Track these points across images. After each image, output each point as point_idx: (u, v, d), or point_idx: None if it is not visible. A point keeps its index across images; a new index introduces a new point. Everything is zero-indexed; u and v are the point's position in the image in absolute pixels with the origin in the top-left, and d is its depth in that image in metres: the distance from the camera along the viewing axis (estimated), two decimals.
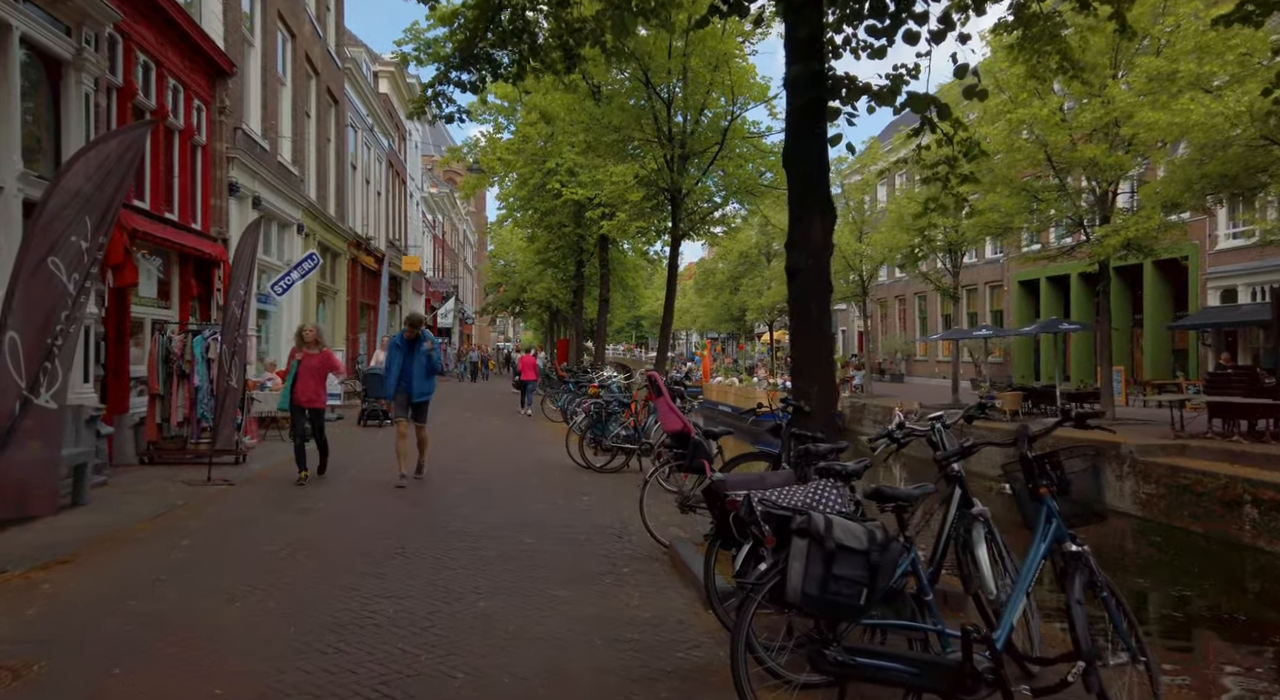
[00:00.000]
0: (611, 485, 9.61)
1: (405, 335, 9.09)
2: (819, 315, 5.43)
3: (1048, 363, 30.91)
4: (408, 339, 9.02)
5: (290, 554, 5.87)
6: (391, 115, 29.51)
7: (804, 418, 5.38)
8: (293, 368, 8.85)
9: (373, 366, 14.63)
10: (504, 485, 9.31)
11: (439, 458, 11.21)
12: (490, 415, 18.95)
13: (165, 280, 11.27)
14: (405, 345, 9.03)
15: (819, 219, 5.41)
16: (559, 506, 8.09)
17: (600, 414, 10.94)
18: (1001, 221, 21.17)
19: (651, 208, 13.65)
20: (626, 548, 6.39)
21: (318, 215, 18.55)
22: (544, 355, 37.70)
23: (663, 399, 6.56)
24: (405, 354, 8.98)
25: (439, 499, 8.28)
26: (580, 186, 18.22)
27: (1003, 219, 20.88)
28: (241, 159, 13.04)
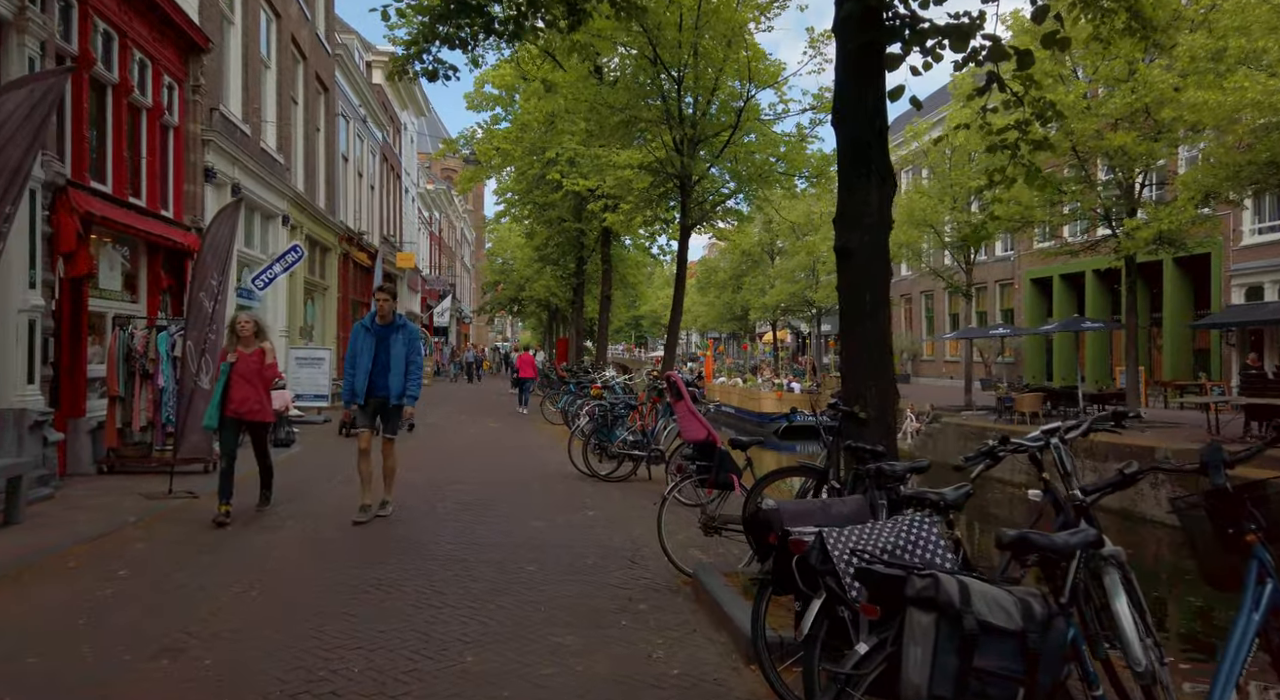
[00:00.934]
0: (619, 496, 8.71)
1: (376, 315, 6.89)
2: (874, 304, 4.54)
3: (1062, 363, 30.05)
4: (380, 322, 6.88)
5: (245, 588, 4.96)
6: (386, 107, 28.60)
7: (859, 427, 4.48)
8: (223, 371, 6.85)
9: None
10: (500, 496, 8.41)
11: (427, 466, 10.31)
12: (486, 417, 18.05)
13: (132, 272, 10.36)
14: (376, 330, 6.88)
15: (875, 187, 4.51)
16: (561, 523, 7.19)
17: (605, 417, 10.05)
18: (1022, 215, 20.30)
19: (659, 195, 12.76)
20: (642, 576, 5.48)
21: (305, 207, 17.64)
22: (543, 355, 36.77)
23: (684, 403, 5.66)
24: (375, 341, 6.86)
25: (426, 514, 7.38)
26: (581, 177, 17.30)
27: (1023, 212, 20.01)
28: (219, 142, 12.13)
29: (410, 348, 6.92)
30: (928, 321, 40.25)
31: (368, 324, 6.97)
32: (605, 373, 17.22)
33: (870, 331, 4.52)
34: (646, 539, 6.54)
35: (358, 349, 6.86)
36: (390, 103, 29.96)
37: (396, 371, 6.83)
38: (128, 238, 9.90)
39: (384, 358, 6.84)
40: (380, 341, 6.87)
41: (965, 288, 25.53)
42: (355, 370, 6.83)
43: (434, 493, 8.49)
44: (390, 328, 6.93)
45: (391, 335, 6.89)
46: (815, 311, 40.00)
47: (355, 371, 6.83)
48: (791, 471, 5.26)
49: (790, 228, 39.14)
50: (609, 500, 8.46)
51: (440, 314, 39.25)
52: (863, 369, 4.52)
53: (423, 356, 7.21)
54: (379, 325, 6.92)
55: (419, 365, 7.01)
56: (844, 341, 4.65)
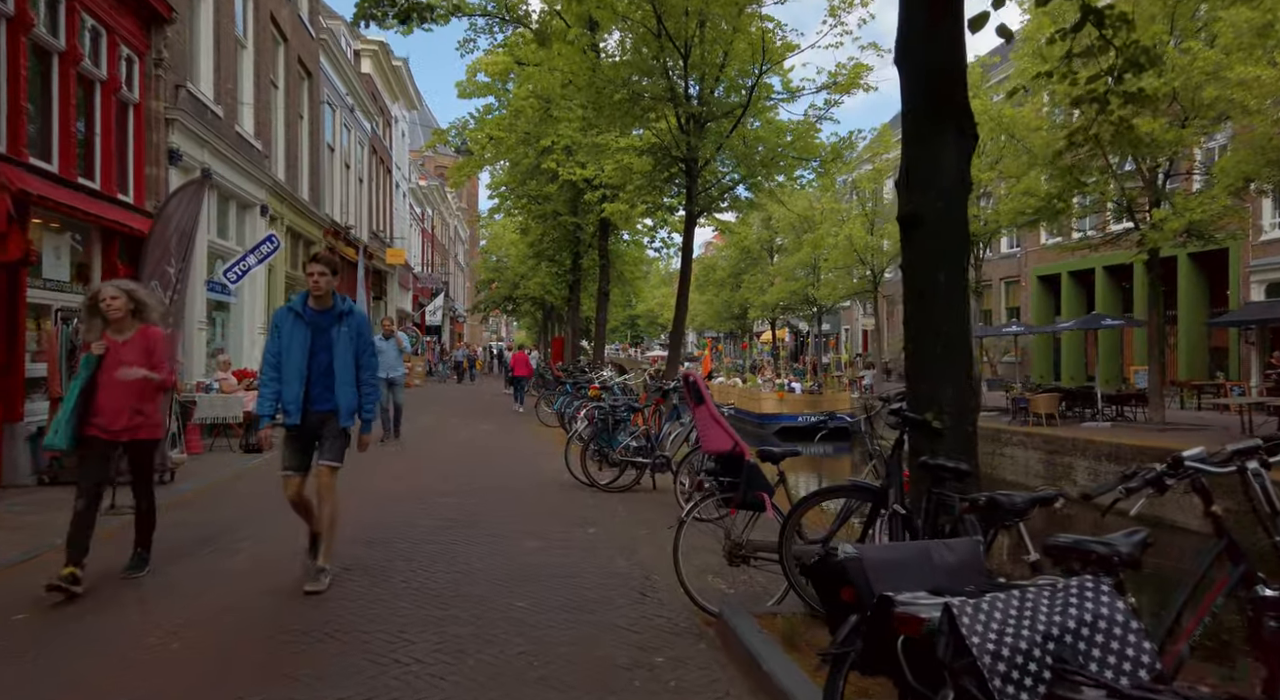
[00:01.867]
0: (622, 510, 7.81)
1: (309, 296, 4.91)
2: (950, 284, 3.64)
3: (1071, 362, 29.25)
4: (315, 306, 4.90)
5: (166, 641, 4.02)
6: (375, 98, 27.64)
7: (931, 438, 3.59)
8: (81, 368, 4.88)
9: None
10: (489, 510, 7.49)
11: (411, 473, 9.39)
12: (479, 420, 17.11)
13: (85, 261, 9.41)
14: (310, 317, 4.89)
15: (952, 141, 3.62)
16: (558, 543, 6.28)
17: (606, 421, 9.13)
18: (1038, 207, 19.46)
19: (664, 180, 11.86)
20: (655, 615, 4.58)
21: (286, 197, 16.69)
22: (538, 354, 35.81)
23: (705, 409, 4.75)
24: (310, 334, 4.86)
25: (403, 534, 6.46)
26: (579, 166, 16.39)
27: (1040, 204, 19.16)
28: (185, 122, 11.18)
29: (360, 344, 4.97)
30: None
31: (298, 308, 4.91)
32: (603, 373, 16.31)
33: (945, 318, 3.63)
34: (657, 564, 5.64)
35: (285, 344, 4.83)
36: (380, 93, 29.00)
37: (344, 379, 4.88)
38: (78, 223, 8.95)
39: (324, 357, 4.86)
40: (318, 334, 4.87)
41: (975, 286, 24.70)
42: (281, 374, 4.81)
43: (416, 506, 7.57)
44: (329, 315, 4.91)
45: (333, 326, 4.90)
46: (816, 310, 39.18)
47: (281, 376, 4.81)
48: (839, 491, 4.36)
49: (791, 225, 38.35)
50: (611, 514, 7.55)
51: (433, 312, 38.30)
52: (935, 366, 3.62)
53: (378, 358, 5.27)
54: (314, 311, 4.89)
55: (374, 369, 5.07)
56: (911, 331, 3.76)
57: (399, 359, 11.92)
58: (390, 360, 11.69)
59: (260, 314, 14.89)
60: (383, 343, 11.68)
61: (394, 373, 11.79)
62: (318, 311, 4.94)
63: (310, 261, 4.97)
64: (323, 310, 4.94)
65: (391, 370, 11.70)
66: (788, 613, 4.29)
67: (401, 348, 12.04)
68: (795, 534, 4.32)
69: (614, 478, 9.03)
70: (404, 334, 12.62)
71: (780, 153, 11.24)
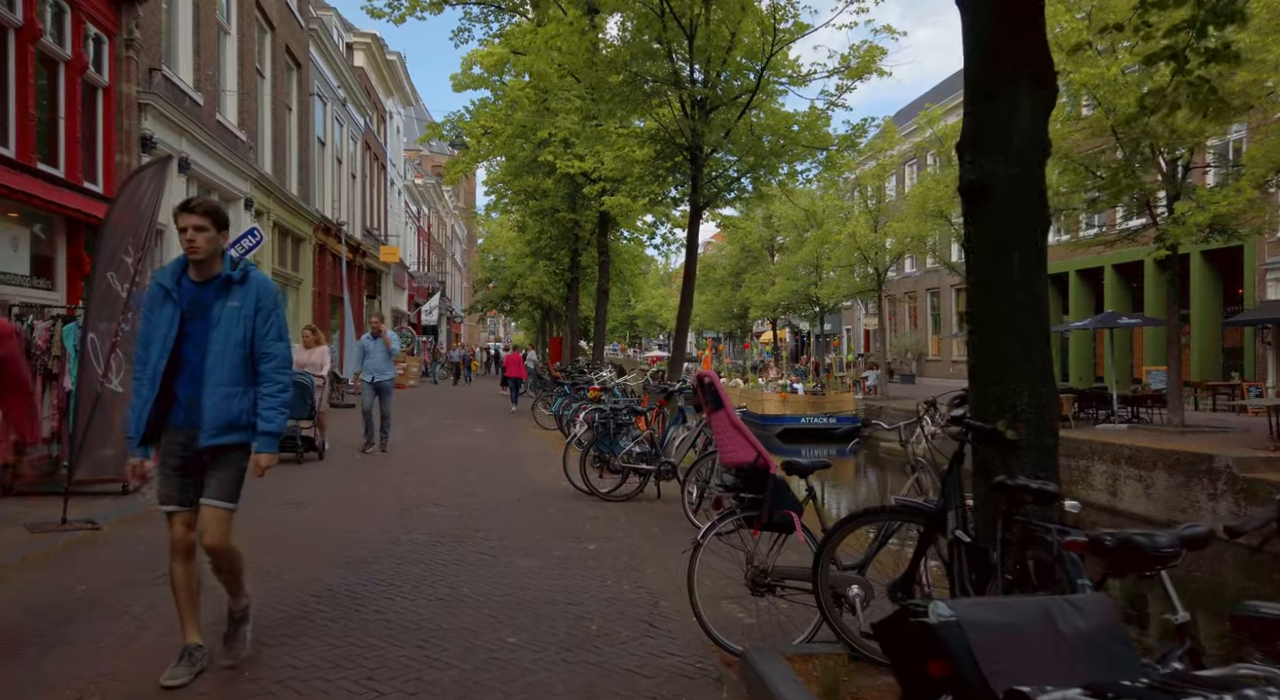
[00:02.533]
0: (625, 521, 7.20)
1: (185, 264, 3.50)
2: (1027, 268, 3.03)
3: (1078, 362, 28.72)
4: (195, 278, 3.49)
5: (84, 694, 3.40)
6: (369, 92, 27.02)
7: (1004, 452, 2.98)
8: None
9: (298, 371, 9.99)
10: (482, 523, 6.87)
11: (399, 482, 8.76)
12: (474, 422, 16.49)
13: (48, 253, 8.78)
14: (188, 290, 3.48)
15: (1027, 95, 3.01)
16: (556, 562, 5.66)
17: (607, 425, 8.52)
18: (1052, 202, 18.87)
19: (667, 169, 11.23)
20: (667, 652, 3.96)
21: (273, 191, 16.06)
22: (534, 354, 35.18)
23: (724, 414, 4.13)
24: (173, 316, 3.45)
25: (384, 552, 5.83)
26: (577, 159, 15.77)
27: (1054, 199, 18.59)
28: (160, 108, 10.55)
29: (263, 325, 3.49)
30: (934, 320, 39.03)
31: (167, 281, 3.46)
32: (603, 373, 15.69)
33: (1020, 309, 3.01)
34: (665, 588, 5.04)
35: (153, 326, 3.46)
36: (374, 88, 28.38)
37: (221, 377, 3.41)
38: (38, 212, 8.32)
39: (199, 344, 3.42)
40: (196, 316, 3.44)
41: None
42: (144, 371, 3.47)
43: (401, 519, 6.94)
44: (212, 286, 3.46)
45: (215, 301, 3.45)
46: (818, 309, 38.57)
47: (144, 373, 3.47)
48: (886, 513, 3.75)
49: (793, 223, 37.78)
50: (614, 527, 6.94)
51: (428, 312, 37.67)
52: (1009, 365, 3.00)
53: (289, 344, 3.64)
54: (193, 283, 3.47)
55: (282, 362, 3.53)
56: (976, 323, 3.14)
57: (388, 360, 11.14)
58: (378, 362, 11.00)
59: None
60: (370, 343, 11.05)
61: (382, 376, 11.02)
62: (198, 283, 3.47)
63: (180, 211, 3.44)
64: (205, 281, 3.47)
65: (380, 373, 10.99)
66: (823, 652, 3.69)
67: (390, 348, 11.19)
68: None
69: (615, 486, 8.43)
70: (395, 333, 11.84)
71: (790, 140, 10.57)
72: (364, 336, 11.34)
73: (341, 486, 8.50)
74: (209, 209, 3.50)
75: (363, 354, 11.05)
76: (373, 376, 10.93)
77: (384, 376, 11.04)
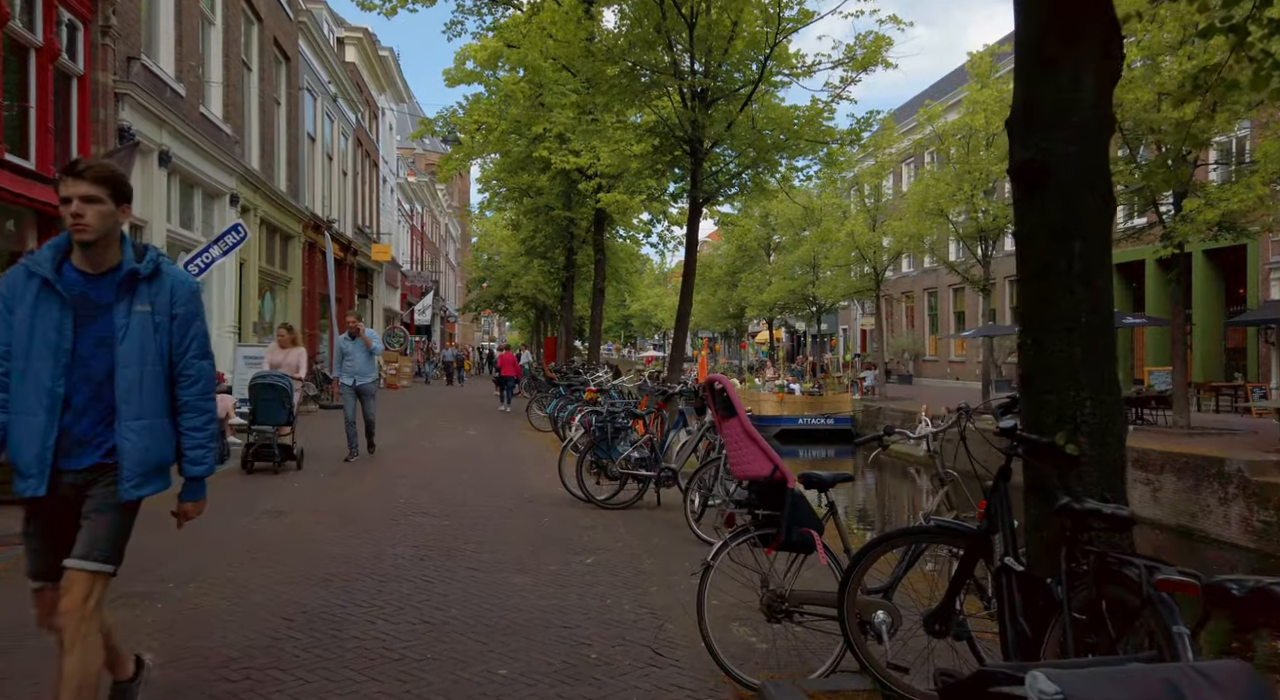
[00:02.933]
0: (624, 531, 6.83)
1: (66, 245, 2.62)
2: (1089, 261, 2.67)
3: None
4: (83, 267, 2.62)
5: None
6: (361, 88, 26.59)
7: (1061, 469, 2.61)
8: None
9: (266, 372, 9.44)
10: (473, 534, 6.49)
11: (386, 490, 8.36)
12: (466, 424, 16.10)
13: (17, 249, 8.37)
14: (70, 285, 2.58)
15: (1091, 64, 2.64)
16: (551, 579, 5.29)
17: (604, 429, 8.14)
18: None
19: (667, 163, 10.83)
20: (675, 684, 3.59)
21: (260, 187, 15.63)
22: (529, 354, 34.79)
23: (737, 423, 3.76)
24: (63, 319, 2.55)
25: (368, 567, 5.44)
26: (573, 154, 15.39)
27: None
28: (139, 99, 10.14)
29: (183, 337, 2.71)
30: (931, 320, 38.80)
31: (44, 269, 2.58)
32: (599, 374, 15.32)
33: (1081, 303, 2.65)
34: (670, 608, 4.67)
35: (27, 331, 2.56)
36: (365, 84, 27.96)
37: (136, 404, 2.61)
38: (8, 206, 7.91)
39: (97, 363, 2.60)
40: (85, 317, 2.60)
41: (984, 282, 23.83)
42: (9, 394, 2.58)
43: (388, 531, 6.55)
44: (109, 281, 2.63)
45: (117, 303, 2.62)
46: (815, 309, 38.26)
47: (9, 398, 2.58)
48: (923, 535, 3.38)
49: (790, 222, 37.46)
50: (613, 538, 6.56)
51: (421, 311, 37.20)
52: (1070, 370, 2.64)
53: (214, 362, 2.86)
54: (79, 273, 2.63)
55: (210, 385, 2.78)
56: (1030, 320, 2.78)
57: (369, 362, 10.26)
58: (358, 364, 10.16)
59: (230, 312, 13.86)
60: (348, 343, 10.22)
61: (363, 379, 10.16)
62: (88, 276, 2.61)
63: (64, 175, 2.57)
64: (98, 273, 2.62)
65: (361, 376, 10.15)
66: (850, 688, 3.32)
67: (372, 348, 10.26)
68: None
69: (613, 492, 8.06)
70: (374, 332, 10.66)
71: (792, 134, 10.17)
72: (341, 337, 10.43)
73: (325, 495, 8.10)
74: (102, 174, 2.56)
75: (341, 356, 10.26)
76: (354, 380, 10.11)
77: (365, 379, 10.20)
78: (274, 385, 9.07)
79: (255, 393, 9.06)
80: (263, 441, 8.97)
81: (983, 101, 22.19)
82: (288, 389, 9.07)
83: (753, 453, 3.65)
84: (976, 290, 25.27)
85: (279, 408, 8.97)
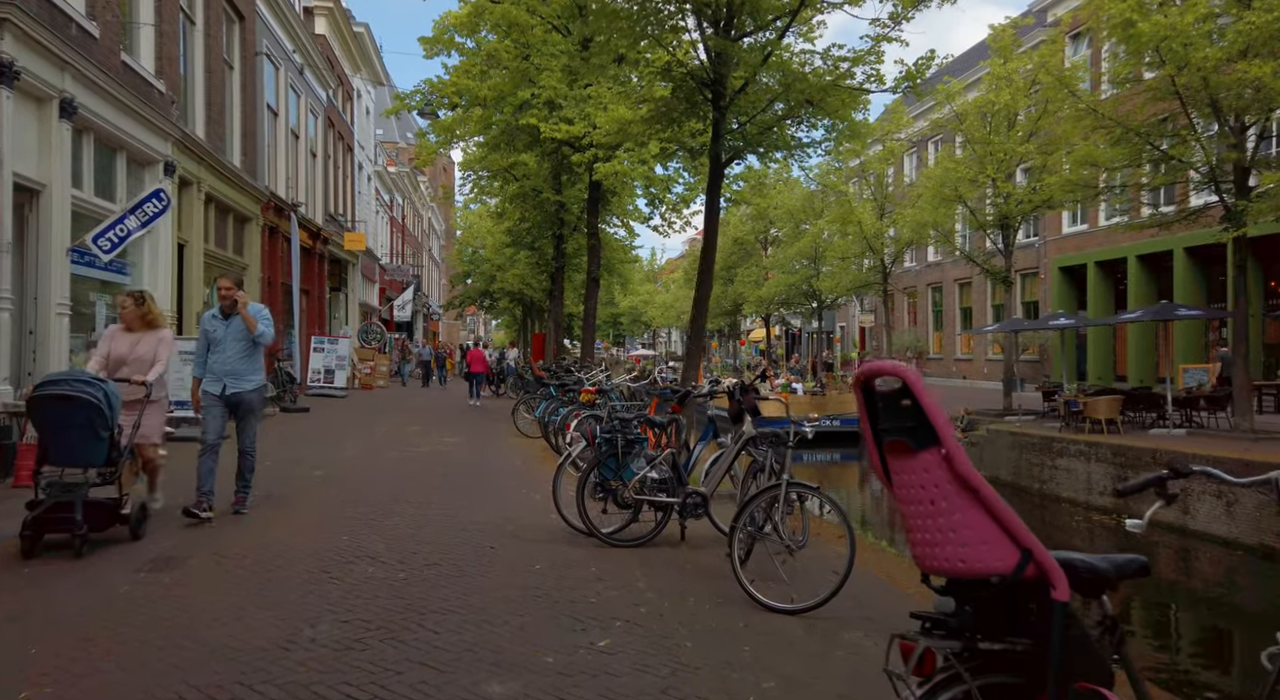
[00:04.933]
0: (643, 584, 4.95)
1: None
2: None
3: (1097, 361, 26.83)
4: None
5: None
6: (332, 64, 24.54)
7: None
8: None
9: (65, 375, 5.86)
10: (431, 597, 4.57)
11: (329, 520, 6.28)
12: (443, 431, 14.13)
13: None
14: None
15: None
16: (548, 682, 3.39)
17: (614, 441, 6.23)
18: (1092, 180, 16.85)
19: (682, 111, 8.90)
20: None
21: (205, 158, 13.61)
22: (516, 352, 32.80)
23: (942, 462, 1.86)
24: None
25: (261, 668, 3.51)
26: (565, 122, 13.49)
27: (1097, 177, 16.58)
28: (25, 28, 8.12)
29: None
30: (935, 317, 37.23)
31: None
32: (596, 373, 13.41)
33: None
34: None
35: None
36: (337, 60, 25.88)
37: None
38: None
39: None
40: None
41: (1005, 273, 22.09)
42: None
43: (313, 594, 4.60)
44: None
45: None
46: (817, 304, 36.49)
47: None
48: None
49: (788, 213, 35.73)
50: (631, 597, 4.67)
51: (401, 307, 35.13)
52: None
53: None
54: None
55: None
56: None
57: (251, 359, 6.40)
58: (231, 360, 6.30)
59: (166, 297, 11.84)
60: (217, 325, 6.36)
61: (240, 385, 6.33)
62: None
63: None
64: None
65: (235, 380, 6.31)
66: None
67: (256, 336, 6.34)
68: None
69: (624, 524, 6.19)
70: (264, 310, 6.71)
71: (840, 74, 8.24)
72: (208, 315, 6.49)
73: (242, 532, 6.15)
74: None
75: (206, 345, 6.36)
76: (223, 385, 6.27)
77: (243, 385, 6.33)
78: (76, 399, 5.14)
79: (42, 412, 5.19)
80: (58, 499, 5.19)
81: (1007, 77, 20.47)
82: (105, 404, 5.23)
83: (976, 524, 1.76)
84: (995, 282, 23.57)
85: (90, 439, 5.19)
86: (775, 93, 8.45)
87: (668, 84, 8.61)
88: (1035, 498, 15.63)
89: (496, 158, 17.59)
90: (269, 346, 6.70)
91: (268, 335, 6.44)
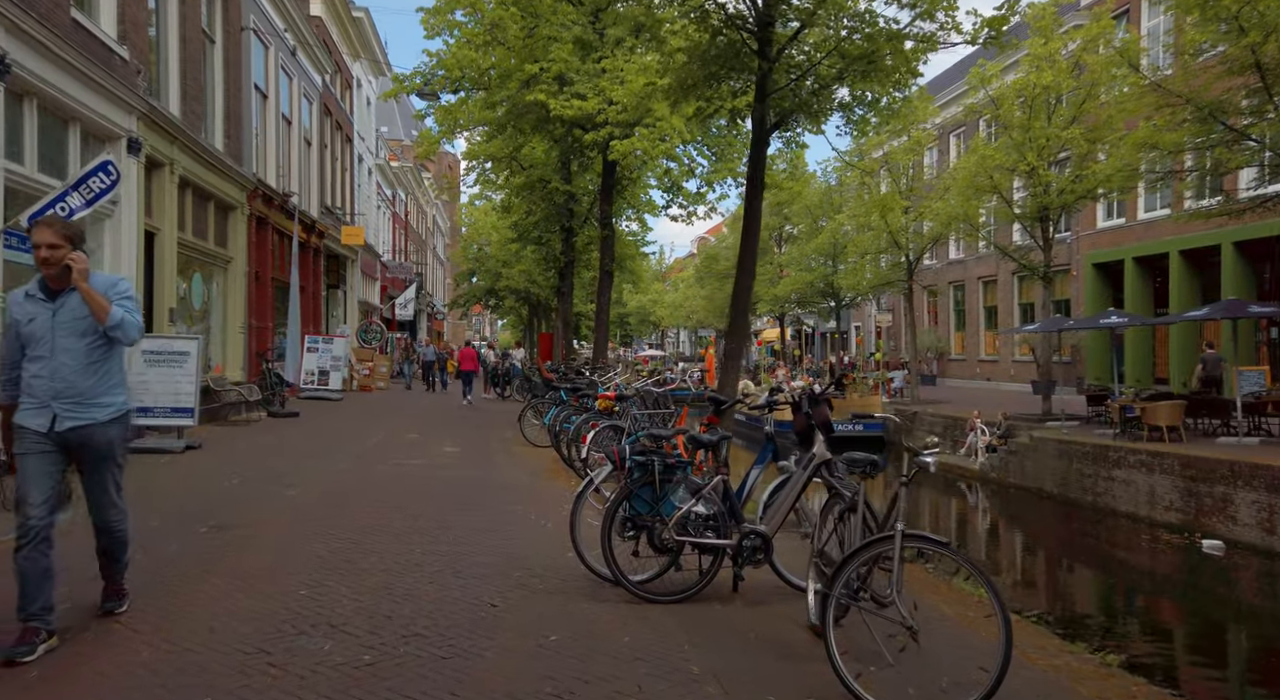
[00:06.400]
0: (697, 669, 3.57)
1: None
2: None
3: (1135, 363, 25.32)
4: None
5: None
6: (329, 48, 23.25)
7: None
8: None
9: None
10: (408, 687, 3.22)
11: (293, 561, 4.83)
12: (443, 439, 12.79)
13: None
14: None
15: None
16: None
17: (648, 466, 4.87)
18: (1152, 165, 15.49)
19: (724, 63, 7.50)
20: None
21: (180, 138, 12.30)
22: (522, 352, 31.45)
23: None
24: None
25: None
26: (577, 98, 12.15)
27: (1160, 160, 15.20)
28: None
29: None
30: (957, 316, 35.78)
31: None
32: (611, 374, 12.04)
33: None
34: None
35: None
36: (335, 45, 24.61)
37: None
38: None
39: None
40: None
41: (1045, 269, 20.66)
42: None
43: (239, 690, 3.25)
44: None
45: None
46: (834, 303, 35.05)
47: None
48: None
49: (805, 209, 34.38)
50: (680, 691, 3.31)
51: (403, 306, 33.83)
52: None
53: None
54: None
55: None
56: None
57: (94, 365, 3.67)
58: (64, 369, 3.61)
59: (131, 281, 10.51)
60: (36, 308, 3.64)
61: (82, 412, 3.64)
62: None
63: None
64: None
65: (72, 403, 3.62)
66: None
67: (109, 324, 3.58)
68: None
69: (660, 570, 4.85)
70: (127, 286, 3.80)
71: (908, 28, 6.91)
72: (14, 295, 3.77)
73: (163, 598, 4.81)
74: None
75: (17, 344, 3.67)
76: (52, 415, 3.60)
77: (89, 413, 3.66)
78: None
79: None
80: None
81: (1049, 56, 19.07)
82: None
83: None
84: (1033, 279, 22.14)
85: None
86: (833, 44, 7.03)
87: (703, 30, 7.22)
88: (1088, 511, 14.23)
89: (501, 142, 16.27)
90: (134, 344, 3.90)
91: (130, 327, 3.66)
